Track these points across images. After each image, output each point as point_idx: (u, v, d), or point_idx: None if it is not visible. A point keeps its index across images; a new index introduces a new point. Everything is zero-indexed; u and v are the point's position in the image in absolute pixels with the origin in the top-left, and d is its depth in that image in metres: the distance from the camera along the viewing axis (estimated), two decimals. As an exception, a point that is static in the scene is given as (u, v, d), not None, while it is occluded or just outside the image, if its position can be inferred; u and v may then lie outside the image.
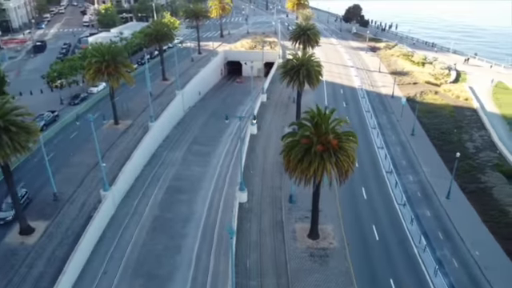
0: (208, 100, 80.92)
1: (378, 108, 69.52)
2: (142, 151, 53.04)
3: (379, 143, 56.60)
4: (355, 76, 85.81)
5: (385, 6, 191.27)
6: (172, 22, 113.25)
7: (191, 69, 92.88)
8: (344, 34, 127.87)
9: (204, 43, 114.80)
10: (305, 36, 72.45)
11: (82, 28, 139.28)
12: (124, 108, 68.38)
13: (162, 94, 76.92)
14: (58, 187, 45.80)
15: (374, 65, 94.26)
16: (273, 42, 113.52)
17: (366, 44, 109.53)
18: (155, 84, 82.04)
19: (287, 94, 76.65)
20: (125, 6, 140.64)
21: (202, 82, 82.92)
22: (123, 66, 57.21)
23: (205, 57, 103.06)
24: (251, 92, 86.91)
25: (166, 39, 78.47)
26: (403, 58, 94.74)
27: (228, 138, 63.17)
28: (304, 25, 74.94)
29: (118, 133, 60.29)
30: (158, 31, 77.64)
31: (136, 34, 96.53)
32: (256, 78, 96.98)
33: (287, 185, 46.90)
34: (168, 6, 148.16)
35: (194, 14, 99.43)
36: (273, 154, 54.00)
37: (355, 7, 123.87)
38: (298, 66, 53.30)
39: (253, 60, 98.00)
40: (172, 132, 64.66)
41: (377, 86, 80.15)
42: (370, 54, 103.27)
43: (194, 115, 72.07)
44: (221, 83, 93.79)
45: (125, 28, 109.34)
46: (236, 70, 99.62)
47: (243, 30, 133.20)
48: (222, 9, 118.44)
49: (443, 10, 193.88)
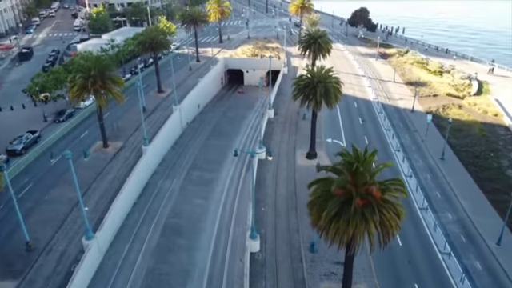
0: (208, 114, 73.58)
1: (399, 125, 62.46)
2: (134, 182, 45.65)
3: (406, 170, 49.49)
4: (368, 87, 78.78)
5: (386, 8, 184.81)
6: (168, 26, 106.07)
7: (189, 79, 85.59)
8: (350, 38, 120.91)
9: (202, 49, 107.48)
10: (315, 45, 65.40)
11: (72, 32, 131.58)
12: (114, 127, 60.98)
13: (157, 109, 69.54)
14: (33, 231, 38.41)
15: (387, 74, 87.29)
16: (276, 48, 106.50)
17: (376, 50, 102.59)
18: (150, 97, 74.68)
19: (295, 109, 69.43)
20: (118, 9, 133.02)
21: (201, 93, 75.61)
22: (112, 82, 49.77)
23: (203, 65, 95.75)
24: (254, 104, 79.97)
25: (161, 48, 71.06)
26: (418, 66, 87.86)
27: (232, 162, 55.88)
28: (314, 32, 67.84)
29: (108, 157, 52.83)
30: (152, 39, 70.24)
31: (129, 41, 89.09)
32: (258, 88, 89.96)
33: (305, 225, 39.73)
34: (164, 9, 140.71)
35: (192, 19, 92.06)
36: (285, 185, 46.81)
37: (362, 10, 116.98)
38: (315, 82, 46.05)
39: (255, 68, 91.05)
40: (169, 154, 57.26)
41: (393, 99, 73.14)
42: (381, 62, 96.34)
43: (193, 133, 64.74)
44: (221, 94, 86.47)
45: (117, 34, 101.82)
46: (237, 79, 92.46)
47: (243, 34, 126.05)
48: (221, 12, 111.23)
49: (451, 10, 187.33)
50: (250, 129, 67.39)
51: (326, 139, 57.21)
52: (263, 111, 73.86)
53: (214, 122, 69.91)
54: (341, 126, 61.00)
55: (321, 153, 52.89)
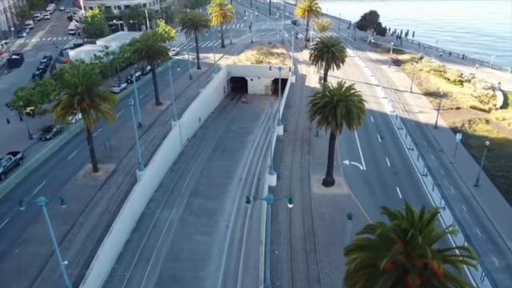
0: (210, 128, 67.53)
1: (422, 144, 56.31)
2: (126, 216, 39.55)
3: (438, 200, 43.32)
4: (384, 98, 72.62)
5: (393, 9, 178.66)
6: (167, 31, 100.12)
7: (189, 88, 79.53)
8: (359, 43, 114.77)
9: (203, 55, 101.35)
10: (328, 54, 59.26)
11: (67, 36, 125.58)
12: (106, 146, 54.87)
13: (155, 125, 63.41)
14: (7, 283, 32.32)
15: (403, 83, 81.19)
16: (281, 54, 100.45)
17: (388, 56, 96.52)
18: (147, 110, 68.58)
19: (306, 124, 63.35)
20: (114, 12, 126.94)
21: (202, 105, 69.58)
22: (102, 99, 43.62)
23: (205, 73, 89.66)
24: (260, 115, 73.93)
25: (158, 56, 64.91)
26: (435, 75, 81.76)
27: (237, 186, 49.85)
28: (326, 39, 61.69)
29: (98, 184, 46.67)
30: (149, 47, 64.11)
31: (125, 48, 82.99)
32: (263, 97, 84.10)
33: (326, 273, 33.66)
34: (163, 11, 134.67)
35: (192, 24, 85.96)
36: (300, 219, 40.69)
37: (372, 13, 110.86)
38: (334, 101, 39.93)
39: (260, 76, 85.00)
40: (167, 177, 51.19)
41: (412, 112, 67.01)
42: (395, 69, 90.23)
43: (194, 150, 58.72)
44: (224, 104, 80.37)
45: (112, 39, 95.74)
46: (241, 87, 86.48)
47: (246, 38, 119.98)
48: (223, 16, 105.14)
49: (462, 12, 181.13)
50: (257, 145, 61.39)
51: (342, 161, 51.11)
52: (270, 125, 68.20)
53: (217, 137, 63.90)
54: (358, 145, 54.90)
55: (338, 178, 46.78)
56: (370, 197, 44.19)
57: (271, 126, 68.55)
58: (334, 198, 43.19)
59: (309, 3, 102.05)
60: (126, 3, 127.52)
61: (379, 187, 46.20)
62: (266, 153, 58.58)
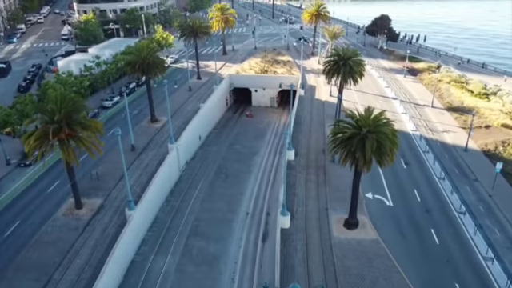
0: (211, 147, 60.69)
1: (453, 171, 49.44)
2: (111, 270, 32.71)
3: (483, 248, 36.42)
4: (403, 114, 65.74)
5: (400, 11, 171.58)
6: (165, 37, 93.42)
7: (189, 102, 72.74)
8: (370, 49, 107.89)
9: (204, 63, 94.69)
10: (345, 67, 52.41)
11: (60, 42, 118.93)
12: (93, 175, 47.99)
13: (150, 146, 56.57)
14: None
15: (421, 95, 74.35)
16: (287, 62, 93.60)
17: (403, 65, 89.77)
18: (141, 128, 61.84)
19: (319, 144, 56.64)
20: (110, 16, 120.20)
21: (203, 122, 62.79)
22: (83, 128, 36.74)
23: (205, 83, 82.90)
24: (266, 131, 67.10)
25: (154, 69, 58.09)
26: (456, 87, 74.89)
27: (243, 223, 43.03)
28: (343, 50, 54.76)
29: (80, 225, 39.84)
30: (143, 59, 57.27)
31: (118, 57, 76.18)
32: (268, 109, 77.28)
33: None
34: (161, 15, 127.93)
35: (192, 31, 79.14)
36: (320, 271, 33.85)
37: (383, 18, 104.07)
38: (362, 133, 33.10)
39: (265, 86, 78.09)
40: (162, 212, 44.36)
41: (437, 131, 60.14)
42: (411, 79, 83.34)
43: (194, 175, 51.96)
44: (226, 118, 73.44)
45: (105, 47, 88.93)
46: (244, 99, 79.66)
47: (249, 44, 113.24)
48: (225, 21, 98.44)
49: (473, 15, 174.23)
50: (264, 169, 54.47)
51: (364, 194, 44.23)
52: (278, 143, 61.45)
53: (219, 158, 57.05)
54: (381, 173, 47.90)
55: (362, 217, 39.97)
56: (402, 242, 37.37)
57: (279, 144, 62.14)
58: (360, 246, 36.34)
59: (317, 7, 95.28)
60: (122, 7, 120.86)
61: (411, 229, 39.36)
62: (275, 179, 52.00)
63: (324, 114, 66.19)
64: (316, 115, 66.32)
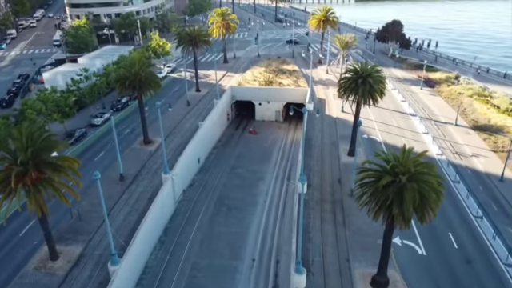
0: (211, 171, 54.10)
1: (491, 207, 42.77)
2: None
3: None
4: (425, 134, 59.06)
5: (406, 14, 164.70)
6: (161, 45, 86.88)
7: (187, 119, 66.14)
8: (380, 57, 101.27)
9: (203, 72, 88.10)
10: (365, 86, 45.70)
11: (51, 48, 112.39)
12: (73, 214, 41.31)
13: (141, 174, 49.86)
14: None
15: (442, 111, 67.73)
16: (293, 72, 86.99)
17: (419, 75, 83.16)
18: (133, 151, 55.24)
19: (333, 171, 50.03)
20: (104, 20, 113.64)
21: (202, 142, 56.23)
22: (55, 170, 30.01)
23: (205, 96, 76.30)
24: (272, 152, 60.47)
25: (147, 87, 51.46)
26: (480, 101, 68.24)
27: (249, 271, 36.46)
28: (360, 65, 47.98)
29: (54, 282, 33.16)
30: (135, 74, 50.64)
31: (109, 68, 69.52)
32: (273, 124, 70.70)
33: None
34: (158, 19, 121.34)
35: (190, 39, 72.50)
36: None
37: (395, 24, 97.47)
38: (398, 180, 26.45)
39: (270, 99, 71.44)
40: (153, 259, 37.76)
41: (465, 155, 53.47)
42: (428, 92, 76.66)
43: (191, 208, 45.43)
44: (227, 134, 66.81)
45: (97, 56, 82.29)
46: (247, 112, 73.17)
47: (252, 51, 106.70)
48: (226, 27, 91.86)
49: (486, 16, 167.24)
50: (271, 199, 47.84)
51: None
52: (286, 166, 54.78)
53: (220, 185, 50.47)
54: (407, 210, 41.20)
55: (391, 272, 33.29)
56: (443, 308, 30.74)
57: (287, 167, 55.52)
58: (394, 315, 29.71)
59: (324, 13, 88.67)
60: (117, 11, 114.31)
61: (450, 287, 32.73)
62: (284, 213, 45.44)
63: (337, 134, 59.53)
64: (328, 135, 59.69)
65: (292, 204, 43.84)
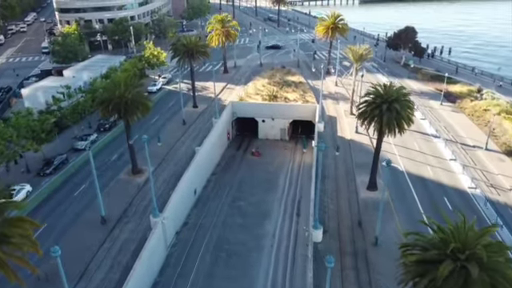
0: (209, 204, 47.06)
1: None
2: None
3: None
4: (452, 160, 51.82)
5: (411, 16, 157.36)
6: (156, 54, 79.84)
7: (182, 142, 58.94)
8: (391, 66, 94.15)
9: (201, 84, 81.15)
10: (390, 113, 38.37)
11: (40, 56, 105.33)
12: (40, 276, 33.93)
13: (127, 215, 42.63)
14: None
15: (467, 131, 60.62)
16: (299, 84, 79.91)
17: (436, 87, 76.14)
18: (119, 183, 48.14)
19: (352, 210, 42.89)
20: (96, 26, 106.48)
21: (199, 170, 49.21)
22: (2, 242, 22.83)
23: (203, 113, 69.19)
24: (278, 179, 53.36)
25: (134, 111, 44.23)
26: (510, 120, 60.97)
27: None
28: (383, 87, 40.64)
29: None
30: (120, 97, 43.44)
31: (96, 84, 62.30)
32: (278, 144, 63.68)
33: None
34: (154, 25, 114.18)
35: (186, 51, 65.27)
36: None
37: (408, 30, 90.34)
38: (463, 258, 19.30)
39: (274, 116, 64.40)
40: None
41: (502, 189, 46.22)
42: (450, 108, 69.47)
43: (185, 257, 38.31)
44: (227, 157, 59.73)
45: (85, 67, 75.01)
46: (248, 130, 66.23)
47: (253, 59, 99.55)
48: (226, 35, 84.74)
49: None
50: (279, 243, 40.69)
51: None
52: (295, 198, 47.57)
53: (219, 224, 43.49)
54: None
55: None
56: None
57: (295, 198, 48.41)
58: None
59: (333, 19, 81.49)
60: (110, 16, 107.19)
61: None
62: (295, 261, 38.34)
63: (352, 160, 52.33)
64: (342, 162, 52.50)
65: (304, 250, 37.11)
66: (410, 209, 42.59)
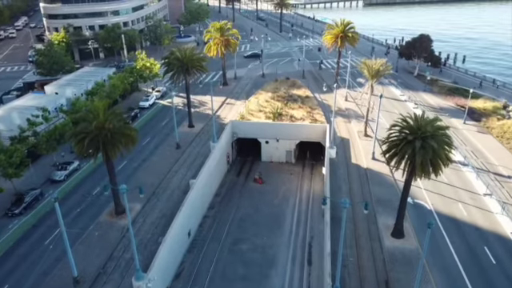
0: (205, 249, 40.16)
1: None
2: None
3: None
4: (487, 196, 44.63)
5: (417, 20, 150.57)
6: (149, 66, 72.98)
7: (174, 171, 51.77)
8: (404, 76, 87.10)
9: (198, 98, 74.49)
10: (426, 152, 31.15)
11: (26, 65, 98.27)
12: None
13: (105, 274, 35.40)
14: None
15: (498, 156, 53.59)
16: (306, 99, 72.87)
17: (456, 102, 69.15)
18: (100, 227, 41.07)
19: (377, 265, 35.75)
20: (86, 33, 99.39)
21: (193, 208, 42.29)
22: None
23: (199, 134, 62.12)
24: (285, 213, 46.35)
25: (116, 145, 37.08)
26: (545, 143, 54.01)
27: None
28: (416, 120, 33.28)
29: None
30: (99, 128, 36.28)
31: (79, 104, 55.15)
32: (283, 168, 56.60)
33: None
34: (149, 31, 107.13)
35: (181, 66, 58.10)
36: None
37: (423, 39, 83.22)
38: None
39: (279, 137, 57.50)
40: None
41: (552, 234, 39.16)
42: (475, 127, 62.33)
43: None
44: (227, 185, 52.82)
45: (69, 83, 67.74)
46: (250, 151, 59.36)
47: (255, 69, 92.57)
48: (226, 44, 77.66)
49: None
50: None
51: None
52: (306, 238, 40.33)
53: (217, 276, 36.72)
54: None
55: None
56: None
57: (305, 239, 41.36)
58: None
59: (342, 27, 74.40)
60: (101, 22, 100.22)
61: None
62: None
63: (371, 196, 45.18)
64: (359, 198, 45.31)
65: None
66: (446, 264, 35.51)
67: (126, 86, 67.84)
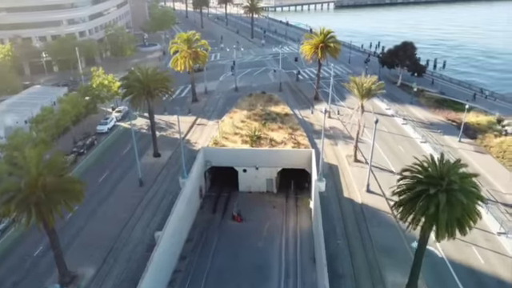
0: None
1: None
2: None
3: None
4: (502, 235, 38.78)
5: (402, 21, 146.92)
6: (106, 84, 64.23)
7: (136, 217, 43.18)
8: (388, 87, 79.88)
9: (165, 119, 66.22)
10: (452, 208, 24.52)
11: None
12: None
13: None
14: None
15: (502, 181, 48.16)
16: (285, 117, 65.70)
17: (444, 116, 64.10)
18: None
19: None
20: (37, 45, 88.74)
21: (160, 265, 34.53)
22: None
23: (166, 166, 53.81)
24: (269, 259, 39.16)
25: (55, 207, 28.62)
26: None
27: None
28: (435, 166, 26.71)
29: None
30: (31, 187, 27.69)
31: (17, 137, 45.81)
32: (264, 198, 49.39)
33: None
34: (110, 41, 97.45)
35: (142, 88, 49.58)
36: None
37: (407, 46, 77.85)
38: None
39: (258, 164, 50.38)
40: None
41: None
42: (471, 146, 56.95)
43: None
44: (200, 225, 45.46)
45: (10, 109, 57.72)
46: (226, 181, 52.04)
47: (227, 81, 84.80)
48: (194, 57, 69.49)
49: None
50: None
51: None
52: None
53: None
54: None
55: None
56: None
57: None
58: None
59: (322, 37, 67.82)
60: (54, 33, 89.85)
61: None
62: None
63: (372, 243, 38.37)
64: (359, 245, 38.42)
65: None
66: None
67: (80, 108, 58.64)
